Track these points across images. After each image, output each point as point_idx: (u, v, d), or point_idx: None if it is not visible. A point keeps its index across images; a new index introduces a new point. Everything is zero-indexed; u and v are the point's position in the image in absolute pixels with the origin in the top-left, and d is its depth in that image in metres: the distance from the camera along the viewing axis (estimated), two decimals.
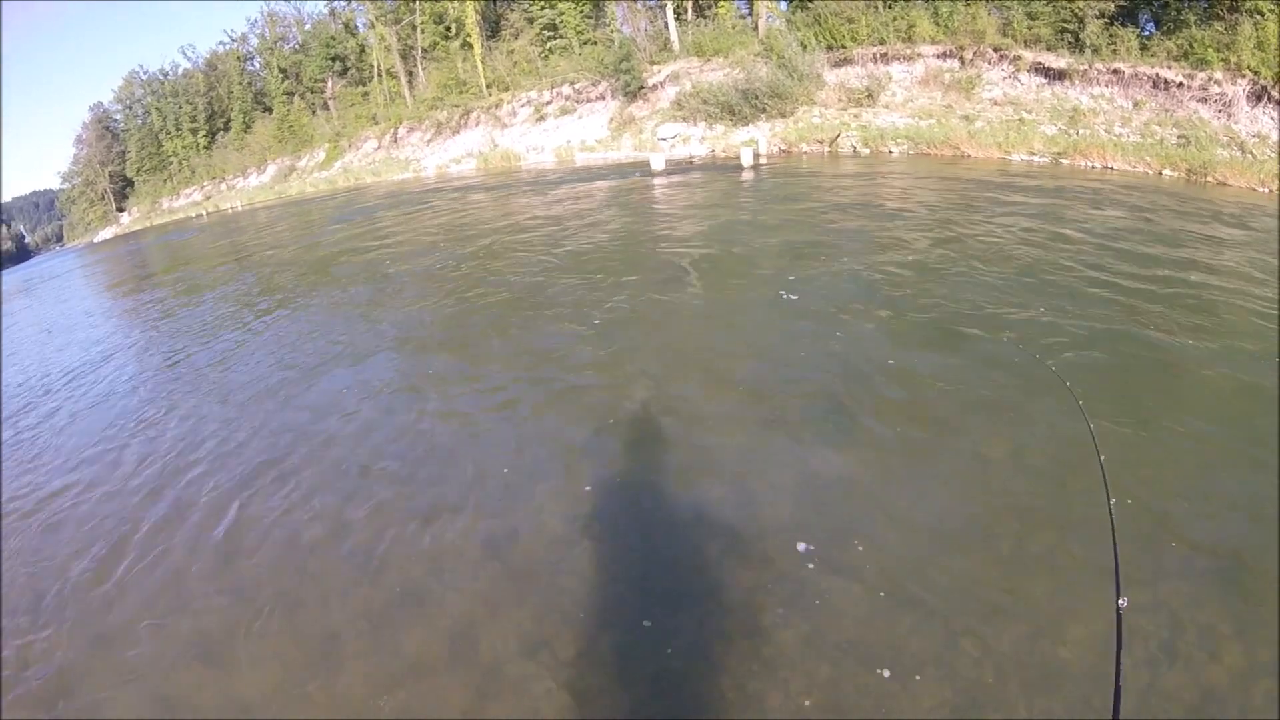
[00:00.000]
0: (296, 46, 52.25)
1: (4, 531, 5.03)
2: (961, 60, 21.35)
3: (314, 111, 49.86)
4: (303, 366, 7.41)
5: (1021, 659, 2.82)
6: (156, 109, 66.54)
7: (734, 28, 28.31)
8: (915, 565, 3.39)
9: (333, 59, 47.26)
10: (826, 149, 20.73)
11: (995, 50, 20.63)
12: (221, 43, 61.79)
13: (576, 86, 31.86)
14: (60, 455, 6.32)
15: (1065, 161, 15.57)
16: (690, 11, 30.00)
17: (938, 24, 22.34)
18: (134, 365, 9.21)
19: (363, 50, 45.42)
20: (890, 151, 19.24)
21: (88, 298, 19.21)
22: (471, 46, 36.62)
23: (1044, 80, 19.32)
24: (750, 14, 28.69)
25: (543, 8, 33.85)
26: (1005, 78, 20.28)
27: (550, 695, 2.95)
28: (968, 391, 4.98)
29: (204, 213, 51.01)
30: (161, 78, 66.44)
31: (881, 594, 3.23)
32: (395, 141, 41.05)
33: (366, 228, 18.64)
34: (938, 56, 21.97)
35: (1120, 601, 1.52)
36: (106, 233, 71.27)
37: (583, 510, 4.16)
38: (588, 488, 4.37)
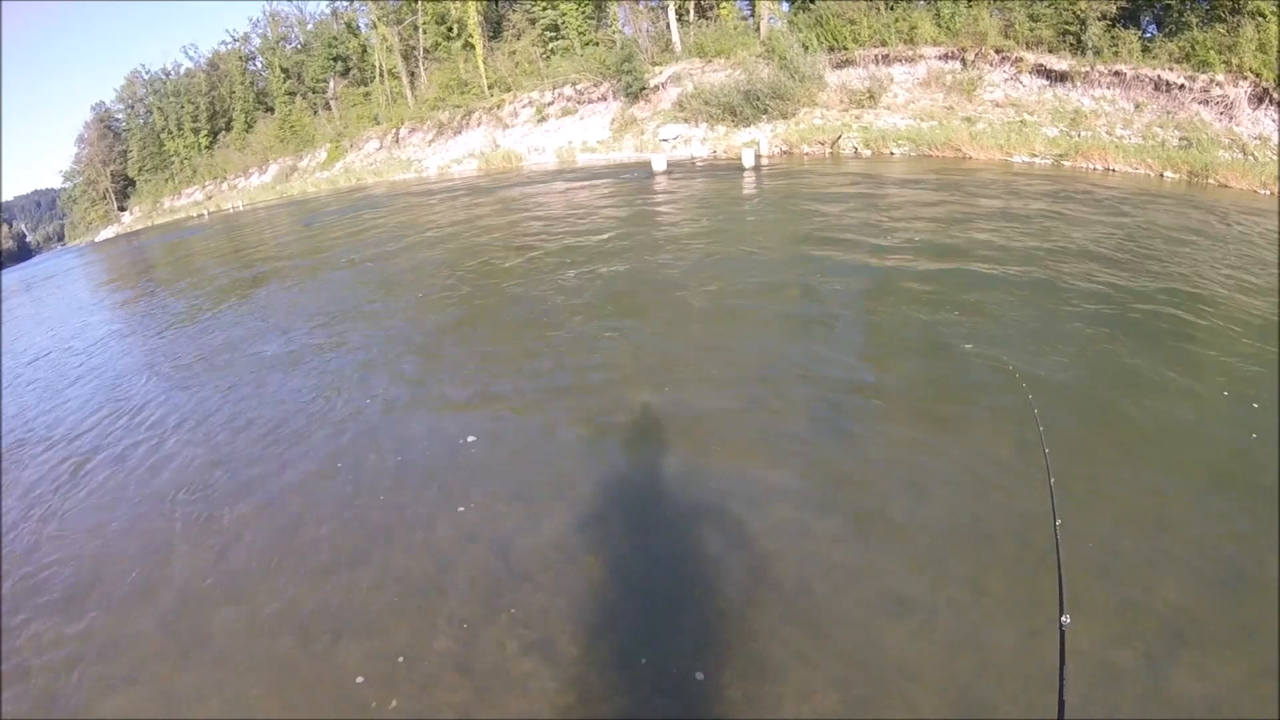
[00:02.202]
0: (299, 46, 52.31)
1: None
2: (963, 62, 21.36)
3: (316, 111, 49.94)
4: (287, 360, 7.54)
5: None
6: (158, 108, 66.66)
7: (736, 29, 28.33)
8: (918, 566, 3.41)
9: (335, 59, 47.33)
10: (828, 150, 20.76)
11: (997, 52, 20.65)
12: (224, 42, 61.74)
13: (578, 87, 31.89)
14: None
15: (1067, 163, 15.60)
16: (692, 13, 30.03)
17: (940, 25, 22.34)
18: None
19: (365, 50, 45.41)
20: (892, 153, 19.27)
21: (88, 293, 19.50)
22: (473, 47, 36.66)
23: (1046, 82, 19.35)
24: (752, 15, 28.73)
25: (545, 8, 33.84)
26: (1007, 79, 20.31)
27: (550, 694, 2.97)
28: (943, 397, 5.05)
29: (205, 212, 51.17)
30: (163, 77, 66.53)
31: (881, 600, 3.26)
32: (397, 142, 41.10)
33: (369, 224, 18.84)
34: (940, 58, 21.99)
35: (1064, 619, 1.57)
36: (108, 232, 71.35)
37: (583, 508, 4.19)
38: (588, 487, 4.40)
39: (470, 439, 5.16)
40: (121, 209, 76.79)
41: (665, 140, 26.01)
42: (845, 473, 4.27)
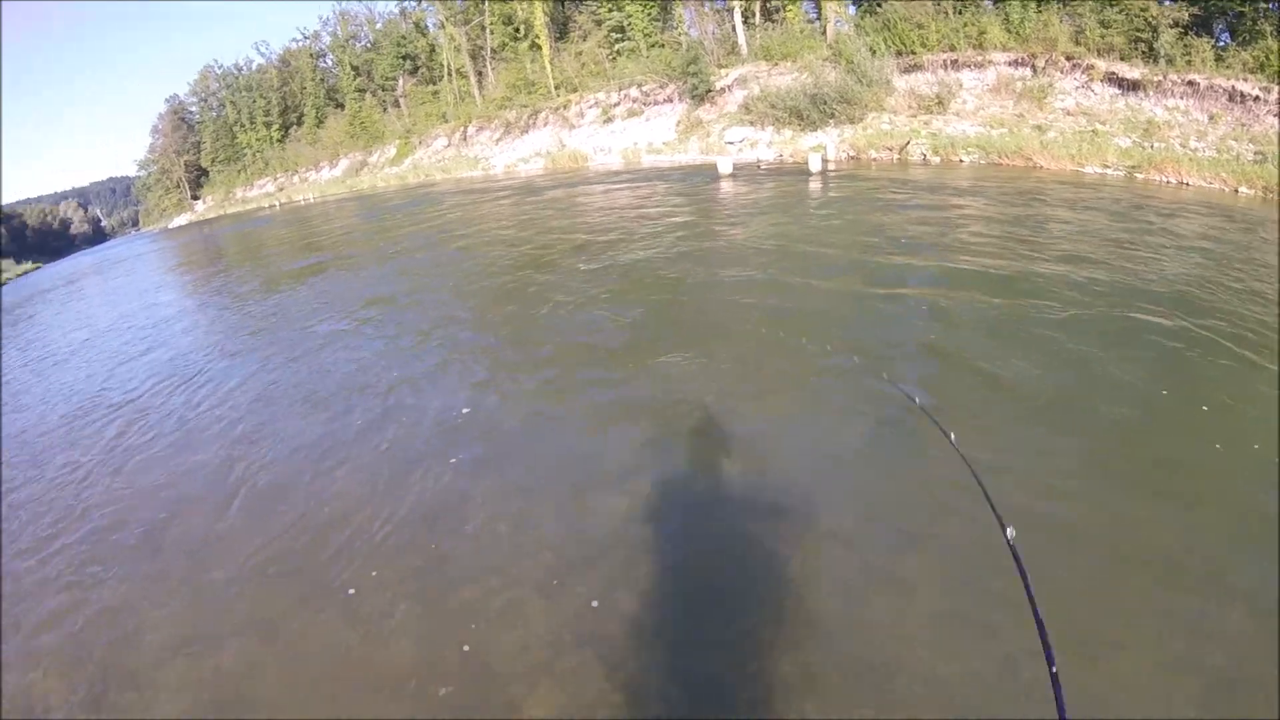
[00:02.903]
0: (368, 45, 53.97)
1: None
2: (1034, 68, 21.53)
3: (385, 109, 51.56)
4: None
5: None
6: (231, 102, 69.07)
7: (802, 31, 28.71)
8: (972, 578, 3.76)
9: (403, 58, 48.82)
10: (896, 156, 21.15)
11: (1068, 59, 20.78)
12: (295, 40, 63.82)
13: (644, 89, 32.64)
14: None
15: (1139, 176, 15.80)
16: (758, 15, 30.44)
17: (1009, 31, 22.50)
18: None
19: (433, 50, 46.78)
20: (961, 160, 19.60)
21: (159, 274, 21.92)
22: (540, 48, 37.66)
23: (1118, 91, 19.47)
24: (819, 18, 29.04)
25: (610, 10, 34.64)
26: (1078, 87, 20.45)
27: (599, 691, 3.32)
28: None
29: (276, 203, 53.30)
30: (236, 72, 68.99)
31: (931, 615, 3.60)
32: (465, 140, 42.38)
33: (431, 219, 20.22)
34: (1009, 64, 22.18)
35: (1009, 532, 1.96)
36: (181, 219, 74.39)
37: (640, 501, 4.64)
38: (646, 482, 4.83)
39: (465, 411, 6.23)
40: (194, 197, 79.81)
41: (731, 143, 26.59)
42: (903, 473, 4.69)
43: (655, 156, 29.72)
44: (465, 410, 6.25)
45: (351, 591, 4.17)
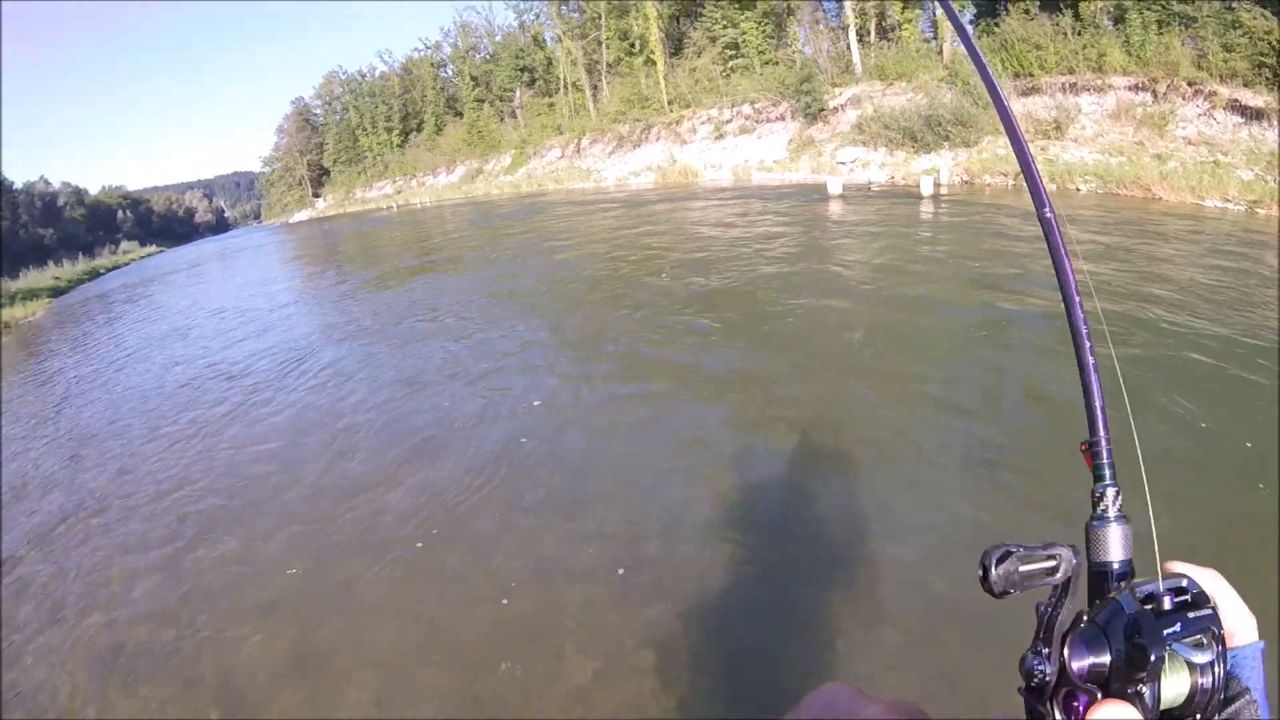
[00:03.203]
0: (487, 56, 57.01)
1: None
2: (1154, 94, 21.70)
3: (502, 118, 54.40)
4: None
5: None
6: (354, 107, 73.60)
7: (918, 51, 29.31)
8: None
9: (521, 70, 51.47)
10: (1011, 182, 21.71)
11: (1190, 84, 20.88)
12: (416, 49, 67.75)
13: (756, 106, 33.76)
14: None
15: (1261, 211, 16.07)
16: (873, 34, 31.17)
17: (1129, 54, 22.63)
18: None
19: (550, 63, 49.23)
20: (1078, 189, 20.06)
21: (277, 264, 26.05)
22: (654, 63, 39.36)
23: (1241, 119, 19.57)
24: (935, 38, 29.60)
25: (725, 27, 35.80)
26: (1200, 115, 20.58)
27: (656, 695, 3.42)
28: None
29: (394, 205, 56.78)
30: (359, 78, 73.47)
31: None
32: (578, 151, 44.58)
33: (540, 226, 22.35)
34: (1129, 89, 22.39)
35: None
36: (302, 215, 79.90)
37: (725, 513, 4.86)
38: (733, 496, 5.07)
39: (536, 403, 7.22)
40: (315, 195, 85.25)
41: (842, 163, 27.42)
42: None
43: (765, 174, 30.73)
44: (536, 402, 7.20)
45: (419, 545, 4.95)
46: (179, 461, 7.21)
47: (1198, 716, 0.52)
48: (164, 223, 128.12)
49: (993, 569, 0.57)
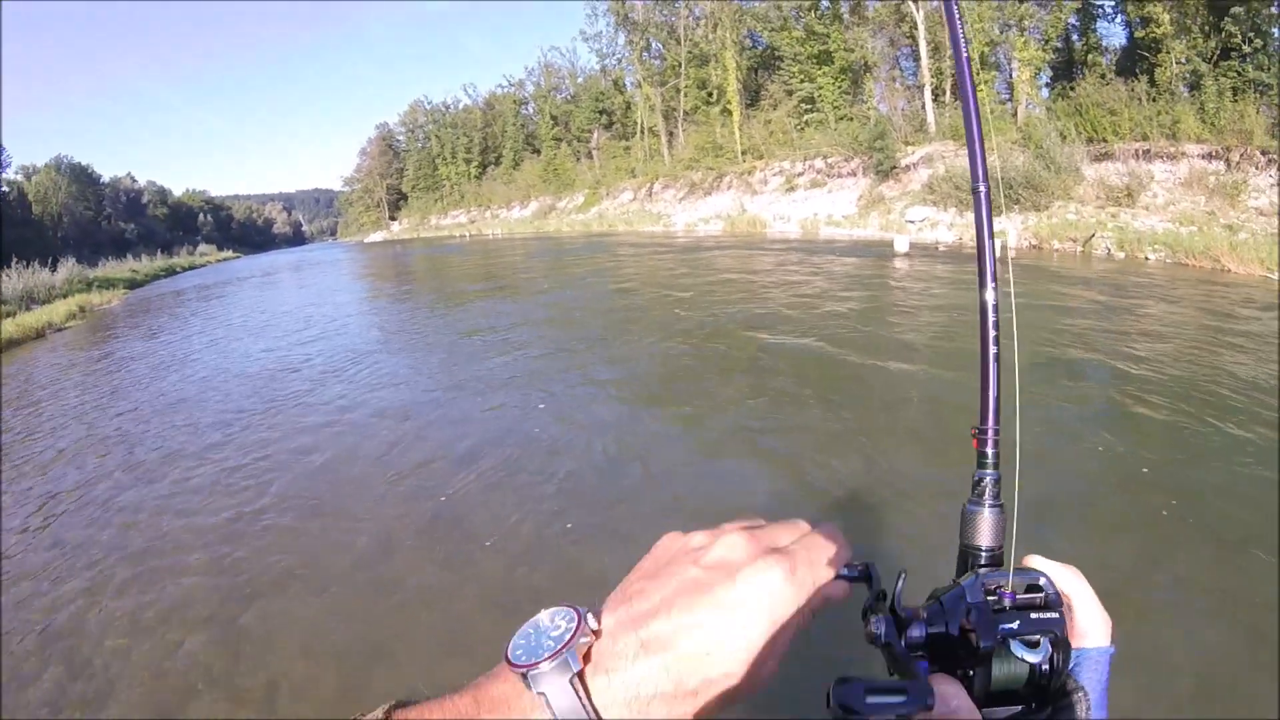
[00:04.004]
0: (568, 97, 59.65)
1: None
2: (1227, 162, 21.93)
3: (578, 158, 56.74)
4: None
5: None
6: (436, 136, 77.14)
7: (992, 113, 28.89)
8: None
9: (600, 112, 53.73)
10: (1079, 248, 21.98)
11: (1263, 153, 21.05)
12: (500, 85, 71.16)
13: (829, 160, 34.41)
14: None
15: None
16: (948, 93, 31.82)
17: (1204, 121, 22.86)
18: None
19: (629, 107, 51.37)
20: (1147, 258, 20.11)
21: (349, 278, 27.77)
22: (731, 113, 40.87)
23: None
24: (1010, 100, 30.21)
25: (802, 81, 36.95)
26: (1273, 185, 20.68)
27: None
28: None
29: (467, 234, 59.31)
30: (444, 109, 77.01)
31: None
32: (650, 195, 46.26)
33: (606, 266, 23.32)
34: (1202, 157, 22.65)
35: None
36: (377, 235, 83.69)
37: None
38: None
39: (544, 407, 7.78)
40: (392, 218, 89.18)
41: (911, 222, 27.42)
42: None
43: (834, 229, 30.87)
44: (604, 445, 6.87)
45: (442, 498, 5.50)
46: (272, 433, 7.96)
47: (1032, 704, 0.53)
48: (242, 230, 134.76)
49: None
